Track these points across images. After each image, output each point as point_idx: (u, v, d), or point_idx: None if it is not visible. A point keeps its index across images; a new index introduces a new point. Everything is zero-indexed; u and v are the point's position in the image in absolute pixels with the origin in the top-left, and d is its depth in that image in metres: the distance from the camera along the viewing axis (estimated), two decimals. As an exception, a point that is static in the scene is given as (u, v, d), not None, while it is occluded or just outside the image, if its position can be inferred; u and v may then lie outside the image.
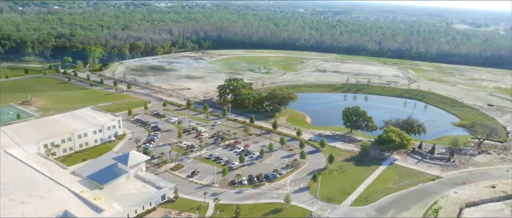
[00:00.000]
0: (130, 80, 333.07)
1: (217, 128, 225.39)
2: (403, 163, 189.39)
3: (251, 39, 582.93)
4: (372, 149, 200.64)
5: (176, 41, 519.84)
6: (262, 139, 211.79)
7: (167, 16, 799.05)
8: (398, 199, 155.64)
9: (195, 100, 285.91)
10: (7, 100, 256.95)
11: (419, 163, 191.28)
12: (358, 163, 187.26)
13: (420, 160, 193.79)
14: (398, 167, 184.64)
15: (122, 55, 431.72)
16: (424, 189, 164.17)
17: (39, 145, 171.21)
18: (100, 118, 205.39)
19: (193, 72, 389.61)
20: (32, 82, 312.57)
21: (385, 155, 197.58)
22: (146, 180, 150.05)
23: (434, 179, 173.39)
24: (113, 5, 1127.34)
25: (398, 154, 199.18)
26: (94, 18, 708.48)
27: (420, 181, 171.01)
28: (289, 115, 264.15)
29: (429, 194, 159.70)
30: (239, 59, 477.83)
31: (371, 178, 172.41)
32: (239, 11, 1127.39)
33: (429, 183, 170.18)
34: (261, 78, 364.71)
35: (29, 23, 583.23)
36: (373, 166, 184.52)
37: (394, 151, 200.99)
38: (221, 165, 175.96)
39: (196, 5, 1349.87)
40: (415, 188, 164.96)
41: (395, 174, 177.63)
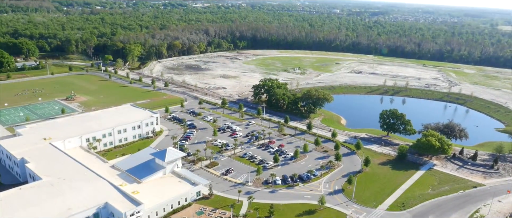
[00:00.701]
0: (167, 79, 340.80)
1: (252, 128, 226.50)
2: (443, 169, 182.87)
3: (286, 39, 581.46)
4: (410, 153, 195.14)
5: (212, 41, 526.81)
6: (296, 140, 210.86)
7: (203, 16, 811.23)
8: (436, 205, 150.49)
9: (230, 99, 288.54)
10: (53, 96, 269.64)
11: (460, 169, 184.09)
12: (395, 167, 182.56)
13: (461, 167, 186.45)
14: (437, 173, 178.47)
15: (159, 54, 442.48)
16: (465, 197, 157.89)
17: (82, 139, 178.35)
18: (138, 114, 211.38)
19: (228, 71, 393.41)
20: (75, 79, 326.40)
21: (424, 160, 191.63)
22: (182, 176, 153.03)
23: (476, 187, 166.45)
24: (152, 6, 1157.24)
25: (438, 159, 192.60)
26: (134, 18, 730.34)
27: (460, 188, 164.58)
28: (324, 116, 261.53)
29: (470, 202, 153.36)
30: (274, 59, 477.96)
31: (409, 183, 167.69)
32: (274, 12, 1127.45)
33: (470, 190, 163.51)
34: (296, 79, 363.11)
35: (73, 23, 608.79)
36: (410, 171, 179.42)
37: (433, 156, 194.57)
38: (255, 164, 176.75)
39: (231, 5, 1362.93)
40: (456, 195, 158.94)
41: (434, 180, 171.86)
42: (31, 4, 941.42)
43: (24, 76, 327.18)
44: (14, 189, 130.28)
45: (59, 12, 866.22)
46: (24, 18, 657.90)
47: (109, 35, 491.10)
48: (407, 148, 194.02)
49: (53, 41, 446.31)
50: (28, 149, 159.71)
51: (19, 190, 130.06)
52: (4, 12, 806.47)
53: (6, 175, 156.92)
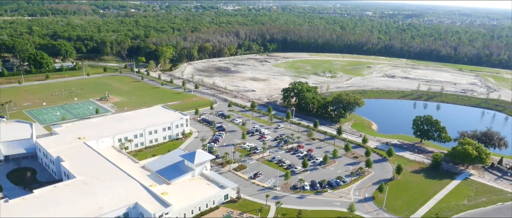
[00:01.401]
0: (197, 80, 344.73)
1: (280, 131, 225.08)
2: (480, 179, 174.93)
3: (316, 42, 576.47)
4: (445, 162, 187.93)
5: (242, 44, 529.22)
6: (326, 145, 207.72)
7: (234, 19, 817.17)
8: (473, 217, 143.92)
9: (259, 102, 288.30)
10: (88, 96, 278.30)
11: (499, 180, 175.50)
12: (429, 176, 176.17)
13: (500, 177, 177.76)
14: (474, 183, 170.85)
15: (190, 56, 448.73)
16: (504, 209, 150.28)
17: (114, 139, 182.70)
18: (169, 116, 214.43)
19: (257, 74, 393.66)
20: (109, 80, 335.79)
21: (459, 169, 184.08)
22: (210, 178, 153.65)
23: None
24: (184, 8, 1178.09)
25: (474, 169, 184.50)
26: (166, 20, 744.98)
27: (499, 200, 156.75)
28: (355, 121, 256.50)
29: (509, 215, 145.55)
30: (304, 62, 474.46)
31: (443, 193, 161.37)
32: (305, 14, 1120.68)
33: (510, 203, 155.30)
34: (326, 82, 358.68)
35: (109, 25, 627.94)
36: (445, 180, 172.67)
37: (470, 166, 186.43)
38: (284, 169, 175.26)
39: (262, 8, 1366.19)
40: (494, 207, 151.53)
41: (470, 190, 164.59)
42: (70, 7, 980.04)
43: (62, 76, 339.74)
44: (49, 187, 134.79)
45: (96, 14, 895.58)
46: (63, 20, 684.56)
47: (143, 37, 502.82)
48: (442, 156, 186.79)
49: (89, 43, 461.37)
50: (64, 148, 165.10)
51: (54, 187, 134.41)
52: (45, 14, 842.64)
53: (42, 173, 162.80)
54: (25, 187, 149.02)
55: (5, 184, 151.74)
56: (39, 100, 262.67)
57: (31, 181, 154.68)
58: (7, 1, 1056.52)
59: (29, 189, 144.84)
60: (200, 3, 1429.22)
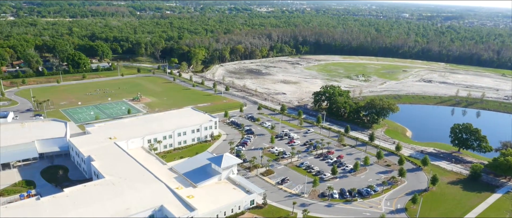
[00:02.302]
0: (228, 82, 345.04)
1: (310, 136, 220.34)
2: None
3: (350, 45, 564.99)
4: (485, 174, 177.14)
5: (274, 46, 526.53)
6: (357, 151, 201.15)
7: (267, 21, 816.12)
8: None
9: (289, 105, 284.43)
10: (121, 96, 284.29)
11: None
12: (467, 188, 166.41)
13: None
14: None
15: (222, 57, 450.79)
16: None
17: (144, 140, 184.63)
18: (198, 118, 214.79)
19: (289, 76, 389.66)
20: (142, 81, 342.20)
21: (501, 182, 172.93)
22: (237, 183, 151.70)
23: None
24: (218, 10, 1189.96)
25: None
26: (200, 22, 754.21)
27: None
28: (388, 127, 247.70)
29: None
30: (337, 65, 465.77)
31: (482, 207, 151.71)
32: (339, 16, 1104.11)
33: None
34: (359, 86, 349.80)
35: (144, 27, 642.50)
36: (484, 193, 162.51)
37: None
38: (312, 175, 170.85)
39: (296, 10, 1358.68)
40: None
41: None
42: (108, 9, 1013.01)
43: (98, 76, 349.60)
44: (79, 186, 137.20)
45: (133, 16, 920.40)
46: (102, 22, 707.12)
47: (176, 39, 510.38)
48: (482, 168, 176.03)
49: (125, 44, 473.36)
50: (95, 147, 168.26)
51: (84, 187, 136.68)
52: (85, 16, 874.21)
53: (74, 171, 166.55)
54: (57, 185, 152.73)
55: (39, 181, 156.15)
56: (75, 100, 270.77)
57: (63, 179, 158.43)
58: (51, 3, 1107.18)
59: (60, 187, 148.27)
60: (233, 5, 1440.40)
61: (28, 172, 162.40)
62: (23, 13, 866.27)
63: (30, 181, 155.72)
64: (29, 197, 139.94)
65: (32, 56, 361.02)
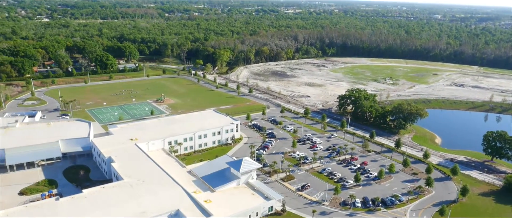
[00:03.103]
0: (252, 85, 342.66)
1: (333, 141, 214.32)
2: None
3: (378, 47, 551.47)
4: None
5: (300, 48, 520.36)
6: (382, 158, 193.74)
7: (293, 22, 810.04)
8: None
9: (313, 108, 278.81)
10: (145, 97, 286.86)
11: None
12: (500, 200, 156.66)
13: None
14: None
15: (247, 59, 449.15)
16: None
17: (165, 142, 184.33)
18: (220, 120, 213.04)
19: (314, 79, 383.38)
20: (167, 82, 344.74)
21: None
22: (256, 188, 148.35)
23: None
24: (245, 12, 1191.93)
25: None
26: (227, 23, 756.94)
27: None
28: (416, 133, 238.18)
29: None
30: (364, 68, 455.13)
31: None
32: (368, 18, 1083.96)
33: None
34: (386, 90, 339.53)
35: (172, 28, 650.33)
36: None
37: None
38: (334, 182, 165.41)
39: (323, 11, 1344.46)
40: None
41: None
42: (138, 11, 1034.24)
43: (124, 77, 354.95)
44: (98, 187, 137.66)
45: (161, 18, 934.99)
46: (131, 23, 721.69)
47: (202, 40, 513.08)
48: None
49: (152, 45, 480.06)
50: (116, 148, 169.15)
51: (103, 188, 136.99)
52: (116, 18, 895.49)
53: (95, 171, 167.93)
54: (78, 185, 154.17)
55: (61, 181, 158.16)
56: (100, 100, 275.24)
57: (84, 179, 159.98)
58: (84, 5, 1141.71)
59: (81, 187, 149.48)
60: (261, 6, 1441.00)
61: (51, 171, 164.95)
62: (57, 15, 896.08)
63: (52, 180, 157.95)
64: (50, 196, 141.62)
65: (63, 57, 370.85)
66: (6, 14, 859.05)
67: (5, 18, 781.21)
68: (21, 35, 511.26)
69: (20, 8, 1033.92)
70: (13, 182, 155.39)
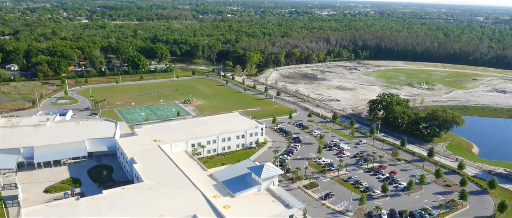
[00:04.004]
0: (280, 87, 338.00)
1: (362, 148, 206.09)
2: None
3: (414, 50, 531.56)
4: None
5: (332, 50, 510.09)
6: (413, 167, 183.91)
7: (327, 24, 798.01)
8: None
9: (342, 113, 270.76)
10: (173, 98, 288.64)
11: None
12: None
13: None
14: None
15: (277, 61, 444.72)
16: None
17: (188, 144, 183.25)
18: (244, 123, 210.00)
19: (344, 82, 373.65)
20: (196, 83, 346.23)
21: None
22: (277, 195, 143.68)
23: None
24: (278, 14, 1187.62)
25: None
26: (259, 25, 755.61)
27: None
28: (451, 141, 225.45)
29: None
30: (398, 72, 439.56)
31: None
32: (405, 20, 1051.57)
33: None
34: (421, 95, 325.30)
35: (204, 30, 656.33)
36: None
37: None
38: (360, 191, 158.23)
39: (358, 13, 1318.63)
40: None
41: None
42: (173, 12, 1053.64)
43: (154, 78, 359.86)
44: (118, 188, 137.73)
45: (195, 19, 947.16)
46: (165, 25, 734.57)
47: (233, 42, 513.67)
48: None
49: (183, 46, 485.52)
50: (139, 149, 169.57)
51: (122, 189, 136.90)
52: (151, 19, 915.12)
53: (118, 172, 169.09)
54: (100, 185, 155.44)
55: (85, 180, 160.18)
56: (130, 100, 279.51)
57: (107, 179, 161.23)
58: (121, 7, 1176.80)
59: (103, 187, 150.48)
60: (294, 8, 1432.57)
61: (76, 170, 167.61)
62: (96, 16, 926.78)
63: (76, 179, 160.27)
64: (72, 195, 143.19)
65: (97, 57, 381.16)
66: (49, 16, 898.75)
67: (48, 19, 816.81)
68: (61, 35, 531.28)
69: (62, 10, 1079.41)
70: (39, 180, 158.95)
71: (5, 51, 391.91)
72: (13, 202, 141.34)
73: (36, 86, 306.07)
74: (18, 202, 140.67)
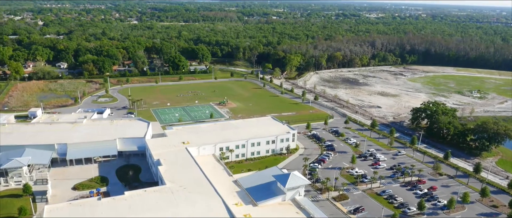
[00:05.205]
0: (319, 91, 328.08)
1: (400, 159, 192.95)
2: None
3: (467, 55, 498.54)
4: None
5: (376, 54, 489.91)
6: (455, 184, 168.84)
7: (374, 27, 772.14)
8: None
9: (382, 121, 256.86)
10: (209, 100, 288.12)
11: None
12: None
13: None
14: None
15: (318, 65, 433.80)
16: None
17: (216, 147, 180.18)
18: (276, 128, 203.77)
19: (388, 88, 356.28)
20: (233, 85, 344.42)
21: None
22: (301, 206, 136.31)
23: None
24: (324, 16, 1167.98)
25: None
26: (303, 27, 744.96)
27: None
28: (502, 156, 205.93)
29: None
30: (447, 78, 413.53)
31: None
32: (459, 23, 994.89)
33: None
34: (471, 104, 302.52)
35: (247, 31, 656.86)
36: None
37: None
38: (393, 207, 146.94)
39: (409, 16, 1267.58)
40: None
41: None
42: (219, 14, 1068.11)
43: (193, 79, 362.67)
44: (139, 190, 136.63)
45: (240, 21, 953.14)
46: (209, 26, 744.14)
47: (275, 44, 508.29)
48: None
49: (225, 48, 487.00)
50: (166, 151, 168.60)
51: (144, 192, 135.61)
52: (197, 21, 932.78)
53: (146, 173, 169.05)
54: (126, 185, 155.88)
55: (112, 179, 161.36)
56: (166, 100, 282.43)
57: (133, 179, 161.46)
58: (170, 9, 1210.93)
59: (129, 188, 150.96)
60: (342, 11, 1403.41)
61: (105, 169, 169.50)
62: (145, 18, 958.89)
63: (104, 177, 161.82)
64: (97, 194, 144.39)
65: (139, 57, 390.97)
66: (102, 16, 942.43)
67: (100, 20, 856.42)
68: (109, 36, 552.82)
69: (115, 11, 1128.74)
70: (69, 176, 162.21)
71: (56, 49, 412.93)
72: (42, 198, 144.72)
73: (81, 84, 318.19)
74: (46, 198, 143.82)
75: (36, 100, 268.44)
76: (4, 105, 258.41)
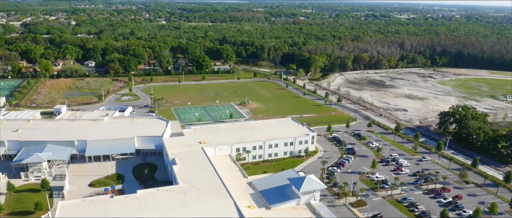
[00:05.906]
0: (343, 93, 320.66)
1: (424, 165, 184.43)
2: None
3: (502, 58, 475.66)
4: None
5: (405, 55, 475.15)
6: (483, 193, 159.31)
7: (404, 28, 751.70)
8: None
9: (408, 124, 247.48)
10: (230, 100, 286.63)
11: None
12: None
13: None
14: None
15: (344, 66, 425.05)
16: None
17: (232, 148, 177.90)
18: (295, 130, 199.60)
19: (415, 91, 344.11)
20: (255, 85, 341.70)
21: None
22: (316, 211, 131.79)
23: None
24: (353, 17, 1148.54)
25: None
26: (330, 28, 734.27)
27: None
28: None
29: None
30: (480, 82, 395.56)
31: None
32: (495, 25, 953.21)
33: None
34: (505, 109, 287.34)
35: (273, 32, 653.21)
36: None
37: None
38: (414, 215, 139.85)
39: (442, 17, 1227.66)
40: None
41: None
42: (246, 15, 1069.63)
43: (216, 78, 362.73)
44: (152, 190, 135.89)
45: (267, 21, 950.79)
46: (236, 27, 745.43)
47: (300, 45, 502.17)
48: None
49: (250, 48, 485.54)
50: (182, 150, 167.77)
51: (156, 191, 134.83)
52: (224, 21, 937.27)
53: (161, 171, 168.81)
54: (141, 183, 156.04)
55: (128, 177, 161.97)
56: (187, 99, 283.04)
57: (149, 178, 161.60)
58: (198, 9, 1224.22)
59: (144, 186, 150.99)
60: (371, 12, 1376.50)
61: (122, 166, 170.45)
62: (174, 18, 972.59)
63: (121, 175, 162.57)
64: (112, 192, 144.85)
65: (164, 57, 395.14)
66: (132, 17, 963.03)
67: (130, 20, 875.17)
68: (137, 35, 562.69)
69: (145, 12, 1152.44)
70: (87, 173, 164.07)
71: (85, 48, 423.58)
72: (59, 193, 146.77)
73: (106, 82, 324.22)
74: (63, 193, 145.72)
75: (62, 98, 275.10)
76: (32, 102, 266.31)
